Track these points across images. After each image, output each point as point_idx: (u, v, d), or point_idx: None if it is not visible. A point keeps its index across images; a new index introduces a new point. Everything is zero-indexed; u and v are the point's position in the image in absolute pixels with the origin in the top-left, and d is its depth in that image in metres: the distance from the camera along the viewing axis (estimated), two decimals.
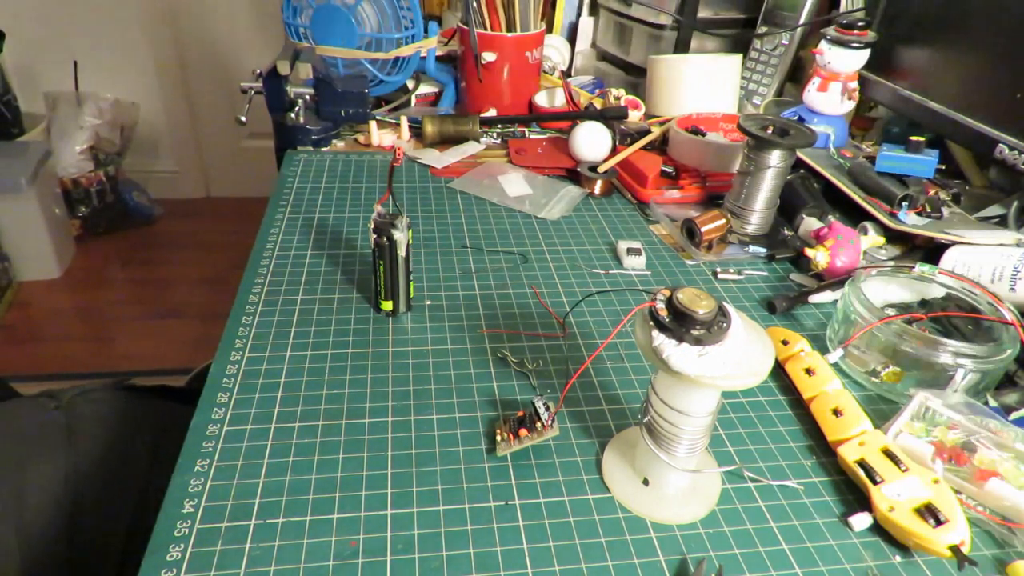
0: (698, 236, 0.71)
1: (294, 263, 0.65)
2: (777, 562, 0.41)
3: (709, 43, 1.10)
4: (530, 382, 0.53)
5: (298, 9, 0.98)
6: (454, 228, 0.74)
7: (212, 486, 0.42)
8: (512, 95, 1.03)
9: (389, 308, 0.58)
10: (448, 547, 0.40)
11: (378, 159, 0.89)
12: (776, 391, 0.54)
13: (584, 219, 0.78)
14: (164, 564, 0.37)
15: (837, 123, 0.87)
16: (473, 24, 0.96)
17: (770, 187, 0.70)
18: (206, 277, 2.05)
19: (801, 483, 0.46)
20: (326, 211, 0.75)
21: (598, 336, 0.59)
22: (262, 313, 0.58)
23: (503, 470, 0.45)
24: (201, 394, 0.48)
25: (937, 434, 0.47)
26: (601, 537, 0.41)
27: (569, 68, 1.25)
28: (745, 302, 0.65)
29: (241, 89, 0.88)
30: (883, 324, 0.53)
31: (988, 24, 0.72)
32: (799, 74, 1.03)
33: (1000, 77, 0.71)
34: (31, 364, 1.67)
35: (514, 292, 0.64)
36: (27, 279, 1.93)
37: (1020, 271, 0.59)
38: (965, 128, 0.74)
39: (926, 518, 0.41)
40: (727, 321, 0.37)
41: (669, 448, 0.42)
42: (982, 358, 0.50)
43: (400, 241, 0.55)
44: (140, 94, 2.17)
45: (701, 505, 0.44)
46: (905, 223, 0.68)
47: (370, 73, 0.99)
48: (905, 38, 0.83)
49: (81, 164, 2.03)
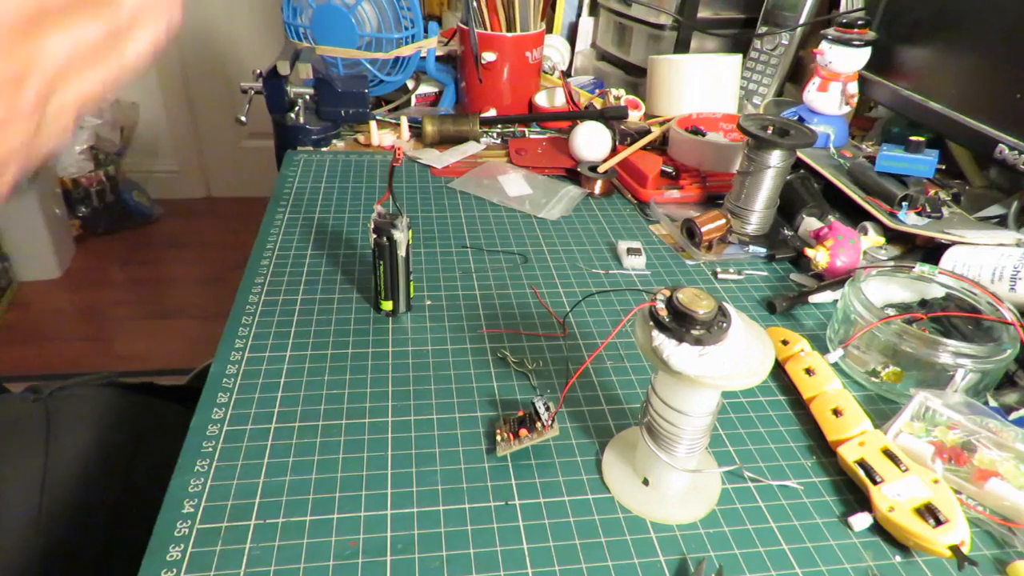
0: (698, 236, 0.71)
1: (294, 263, 0.65)
2: (777, 562, 0.41)
3: (709, 43, 1.10)
4: (530, 382, 0.53)
5: (298, 9, 0.98)
6: (454, 228, 0.74)
7: (212, 486, 0.42)
8: (512, 95, 1.03)
9: (389, 308, 0.58)
10: (448, 547, 0.40)
11: (378, 159, 0.89)
12: (776, 391, 0.54)
13: (584, 219, 0.78)
14: (164, 564, 0.37)
15: (837, 123, 0.87)
16: (473, 24, 0.96)
17: (770, 187, 0.70)
18: (206, 277, 2.05)
19: (801, 483, 0.46)
20: (326, 211, 0.75)
21: (598, 336, 0.59)
22: (262, 313, 0.58)
23: (503, 470, 0.45)
24: (190, 392, 0.48)
25: (937, 434, 0.47)
26: (601, 537, 0.41)
27: (569, 68, 1.25)
28: (745, 302, 0.65)
29: (241, 89, 0.88)
30: (883, 324, 0.53)
31: (988, 24, 0.72)
32: (799, 74, 1.03)
33: (1000, 77, 0.71)
34: (31, 364, 1.67)
35: (514, 292, 0.64)
36: (27, 279, 1.93)
37: (1020, 271, 0.59)
38: (965, 128, 0.74)
39: (926, 518, 0.41)
40: (727, 321, 0.37)
41: (669, 448, 0.42)
42: (982, 358, 0.50)
43: (400, 241, 0.55)
44: (140, 94, 2.17)
45: (701, 505, 0.44)
46: (905, 223, 0.68)
47: (370, 73, 0.99)
48: (905, 38, 0.83)
49: (81, 164, 2.03)
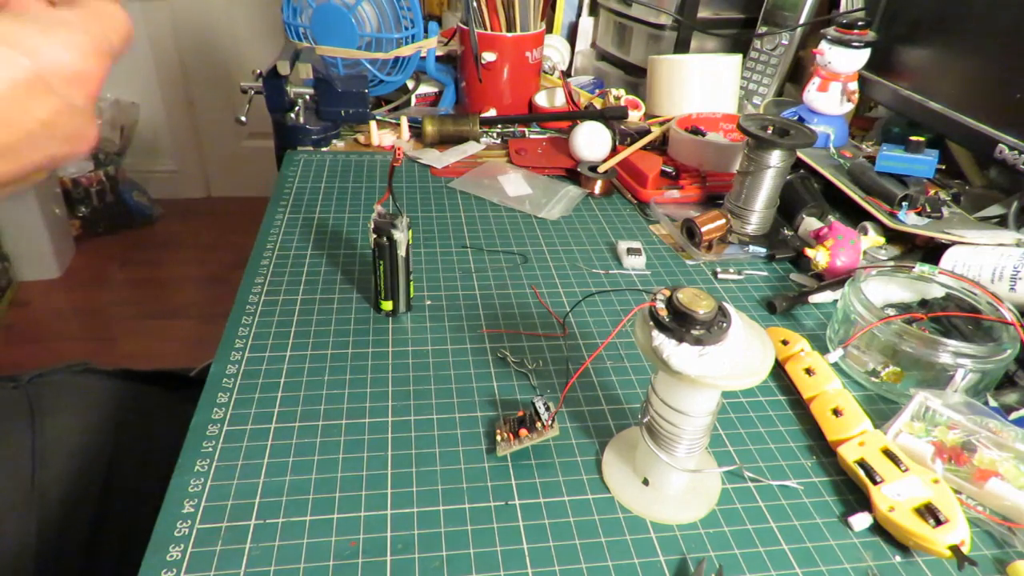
0: (698, 236, 0.71)
1: (294, 263, 0.65)
2: (777, 562, 0.41)
3: (709, 43, 1.09)
4: (530, 382, 0.53)
5: (298, 9, 0.98)
6: (454, 228, 0.74)
7: (212, 486, 0.42)
8: (512, 95, 1.03)
9: (389, 308, 0.58)
10: (448, 547, 0.40)
11: (378, 159, 0.89)
12: (776, 391, 0.54)
13: (584, 219, 0.78)
14: (164, 564, 0.37)
15: (837, 123, 0.87)
16: (473, 24, 0.96)
17: (770, 187, 0.70)
18: (206, 277, 2.05)
19: (801, 483, 0.46)
20: (326, 211, 0.75)
21: (598, 336, 0.59)
22: (262, 313, 0.58)
23: (503, 470, 0.45)
24: (166, 376, 0.47)
25: (937, 434, 0.47)
26: (601, 537, 0.41)
27: (569, 68, 1.25)
28: (745, 302, 0.65)
29: (241, 89, 0.88)
30: (883, 324, 0.53)
31: (988, 24, 0.72)
32: (799, 74, 1.03)
33: (1000, 77, 0.71)
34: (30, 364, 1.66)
35: (514, 292, 0.64)
36: (27, 279, 1.93)
37: (1020, 271, 0.59)
38: (965, 128, 0.74)
39: (926, 518, 0.41)
40: (727, 321, 0.37)
41: (669, 448, 0.42)
42: (982, 358, 0.50)
43: (400, 241, 0.55)
44: (140, 94, 2.17)
45: (701, 505, 0.44)
46: (905, 223, 0.68)
47: (370, 73, 0.99)
48: (905, 38, 0.83)
49: (81, 164, 2.03)
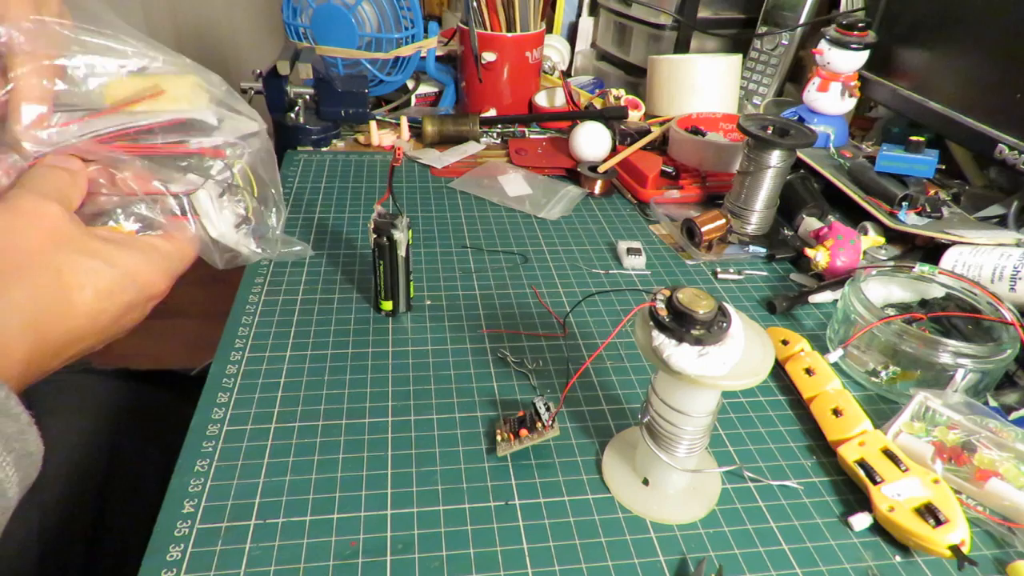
0: (698, 236, 0.71)
1: (294, 263, 0.65)
2: (777, 562, 0.41)
3: (709, 43, 1.10)
4: (530, 382, 0.53)
5: (298, 9, 0.98)
6: (454, 228, 0.74)
7: (212, 486, 0.42)
8: (512, 95, 1.03)
9: (389, 308, 0.58)
10: (448, 547, 0.40)
11: (378, 159, 0.89)
12: (776, 391, 0.54)
13: (584, 219, 0.78)
14: (164, 564, 0.37)
15: (837, 123, 0.87)
16: (473, 24, 0.96)
17: (770, 187, 0.70)
18: (206, 277, 2.04)
19: (801, 483, 0.46)
20: (326, 211, 0.75)
21: (598, 336, 0.59)
22: (262, 313, 0.58)
23: (503, 470, 0.45)
24: (164, 375, 0.47)
25: (937, 434, 0.47)
26: (601, 537, 0.41)
27: (569, 68, 1.25)
28: (745, 302, 0.65)
29: (241, 89, 0.88)
30: (883, 324, 0.53)
31: (988, 24, 0.72)
32: (799, 74, 1.03)
33: (1000, 77, 0.71)
34: None
35: (514, 292, 0.64)
36: None
37: (1020, 271, 0.59)
38: (965, 128, 0.74)
39: (926, 518, 0.41)
40: (727, 321, 0.37)
41: (669, 448, 0.42)
42: (982, 358, 0.50)
43: (400, 241, 0.55)
44: None
45: (701, 505, 0.44)
46: (905, 223, 0.68)
47: (370, 73, 0.99)
48: (905, 38, 0.83)
49: None
